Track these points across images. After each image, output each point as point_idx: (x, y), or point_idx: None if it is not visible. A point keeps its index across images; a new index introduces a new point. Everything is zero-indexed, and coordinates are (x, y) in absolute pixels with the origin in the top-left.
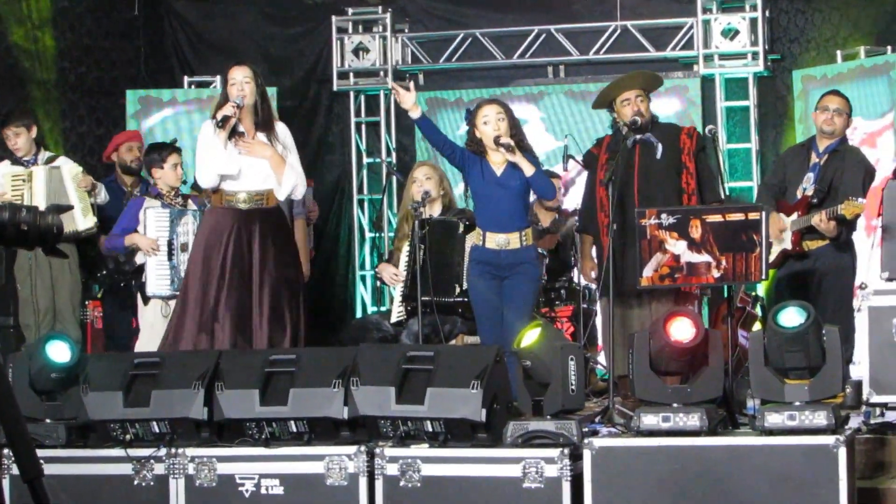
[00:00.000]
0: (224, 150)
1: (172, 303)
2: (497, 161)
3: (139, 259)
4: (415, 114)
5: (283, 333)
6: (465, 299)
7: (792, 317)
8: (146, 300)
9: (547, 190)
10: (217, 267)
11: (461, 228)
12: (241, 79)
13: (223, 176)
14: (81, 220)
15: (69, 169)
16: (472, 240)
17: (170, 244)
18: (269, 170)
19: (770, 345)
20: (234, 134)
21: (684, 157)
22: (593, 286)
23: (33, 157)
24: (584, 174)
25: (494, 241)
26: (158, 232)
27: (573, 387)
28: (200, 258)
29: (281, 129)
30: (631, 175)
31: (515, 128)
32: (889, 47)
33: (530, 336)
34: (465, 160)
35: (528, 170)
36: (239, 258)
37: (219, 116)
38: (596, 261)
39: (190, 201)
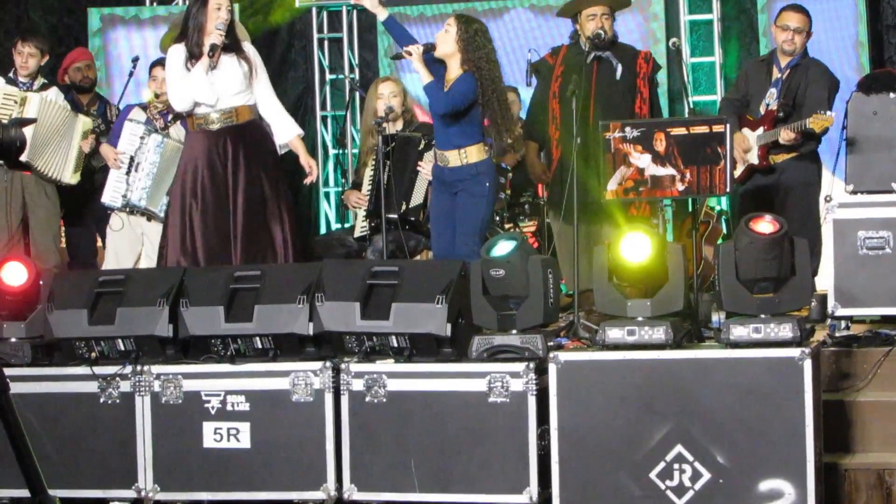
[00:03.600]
0: (206, 77)
1: (123, 216)
2: (448, 79)
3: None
4: (381, 15)
5: (264, 253)
6: (412, 217)
7: (766, 225)
8: (105, 209)
9: (432, 103)
10: (194, 193)
11: (422, 145)
12: (226, 2)
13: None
14: (70, 174)
15: (84, 122)
16: (428, 159)
17: (131, 159)
18: (238, 86)
19: (742, 254)
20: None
21: (639, 80)
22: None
23: (29, 82)
24: None
25: (440, 157)
26: (129, 145)
27: (552, 300)
28: (179, 186)
29: (249, 49)
30: (588, 92)
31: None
32: None
33: (504, 247)
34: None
35: (425, 78)
36: (213, 182)
37: (207, 45)
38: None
39: (179, 123)
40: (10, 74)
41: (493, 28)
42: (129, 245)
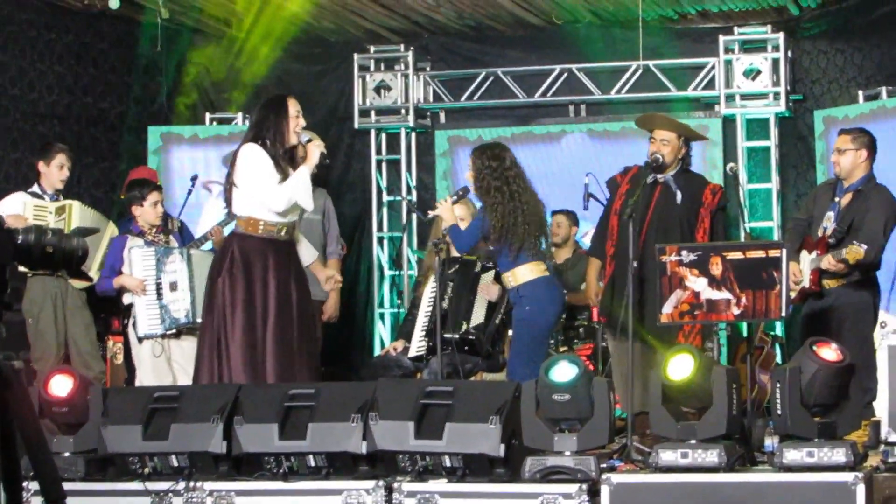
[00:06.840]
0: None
1: (165, 342)
2: None
3: (126, 299)
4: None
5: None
6: (471, 337)
7: (831, 353)
8: (140, 340)
9: (455, 245)
10: (260, 298)
11: (478, 267)
12: (296, 112)
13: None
14: (94, 271)
15: (113, 229)
16: (486, 281)
17: (158, 285)
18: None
19: (808, 379)
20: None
21: (703, 210)
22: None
23: (55, 194)
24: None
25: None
26: (145, 272)
27: (611, 421)
28: (243, 286)
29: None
30: (645, 214)
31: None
32: None
33: (568, 370)
34: None
35: (447, 222)
36: (281, 291)
37: (319, 155)
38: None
39: (171, 238)
40: (34, 189)
41: (550, 152)
42: (165, 371)
